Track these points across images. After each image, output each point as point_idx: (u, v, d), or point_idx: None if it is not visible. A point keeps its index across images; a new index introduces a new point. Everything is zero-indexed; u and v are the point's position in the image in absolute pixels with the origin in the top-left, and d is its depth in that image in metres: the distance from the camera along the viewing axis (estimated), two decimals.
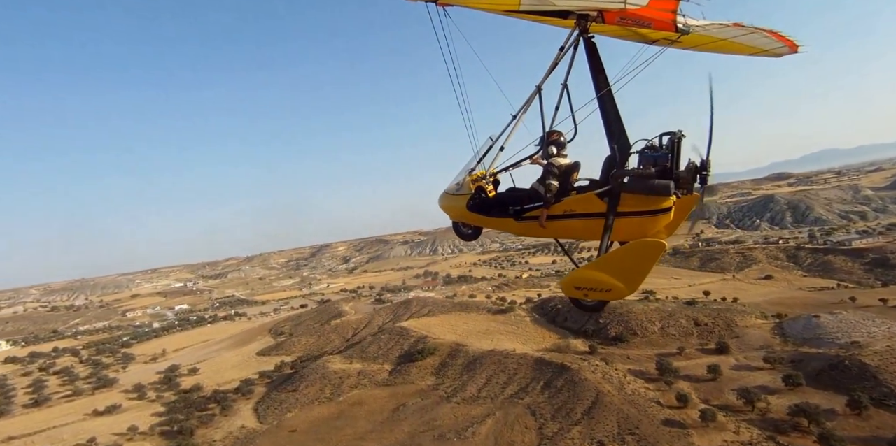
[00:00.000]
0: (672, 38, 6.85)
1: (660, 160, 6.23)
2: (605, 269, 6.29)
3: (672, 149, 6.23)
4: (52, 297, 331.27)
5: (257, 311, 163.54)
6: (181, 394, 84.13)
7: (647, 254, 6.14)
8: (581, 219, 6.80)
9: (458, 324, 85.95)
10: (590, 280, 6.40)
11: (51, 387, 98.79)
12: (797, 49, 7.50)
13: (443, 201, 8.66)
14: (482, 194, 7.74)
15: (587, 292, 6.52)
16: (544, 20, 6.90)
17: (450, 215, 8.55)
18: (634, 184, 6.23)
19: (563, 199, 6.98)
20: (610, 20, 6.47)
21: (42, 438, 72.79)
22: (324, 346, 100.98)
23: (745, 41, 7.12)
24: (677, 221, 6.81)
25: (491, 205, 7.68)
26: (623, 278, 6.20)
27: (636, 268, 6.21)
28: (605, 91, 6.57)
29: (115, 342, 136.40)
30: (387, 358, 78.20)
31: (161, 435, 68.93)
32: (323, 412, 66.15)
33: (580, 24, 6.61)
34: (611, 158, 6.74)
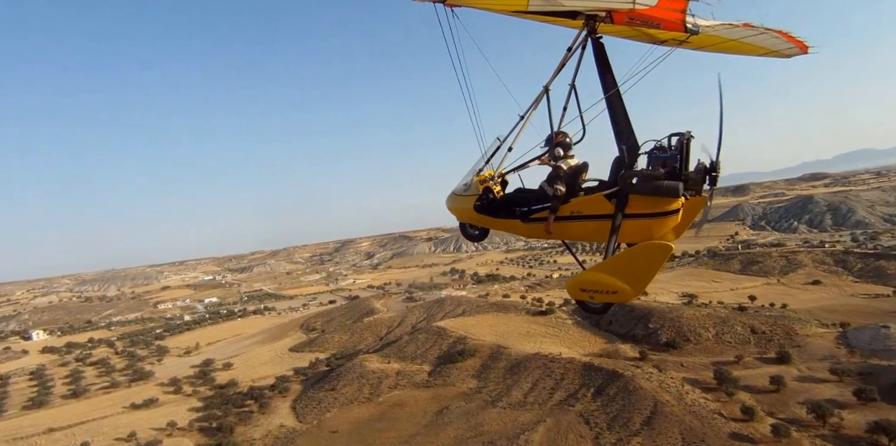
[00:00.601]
0: (681, 39, 6.80)
1: (669, 161, 6.18)
2: (612, 271, 6.29)
3: (681, 150, 6.17)
4: (84, 287, 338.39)
5: (286, 306, 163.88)
6: (217, 390, 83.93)
7: (654, 257, 6.14)
8: (588, 221, 6.75)
9: (497, 325, 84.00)
10: (596, 282, 6.41)
11: (88, 379, 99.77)
12: (807, 50, 7.40)
13: (450, 202, 8.59)
14: (490, 195, 7.69)
15: (593, 294, 6.54)
16: (552, 20, 6.83)
17: (457, 216, 8.49)
18: (643, 185, 6.15)
19: (570, 200, 6.91)
20: (618, 20, 6.43)
21: (82, 431, 72.97)
22: (357, 344, 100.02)
23: (755, 42, 7.05)
24: (685, 223, 6.72)
25: (498, 207, 7.64)
26: (629, 280, 6.20)
27: (643, 271, 6.22)
28: (613, 91, 6.50)
29: (149, 334, 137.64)
30: (425, 359, 76.66)
31: (200, 431, 68.52)
32: (363, 413, 64.90)
33: (588, 25, 6.57)
34: (619, 159, 6.67)
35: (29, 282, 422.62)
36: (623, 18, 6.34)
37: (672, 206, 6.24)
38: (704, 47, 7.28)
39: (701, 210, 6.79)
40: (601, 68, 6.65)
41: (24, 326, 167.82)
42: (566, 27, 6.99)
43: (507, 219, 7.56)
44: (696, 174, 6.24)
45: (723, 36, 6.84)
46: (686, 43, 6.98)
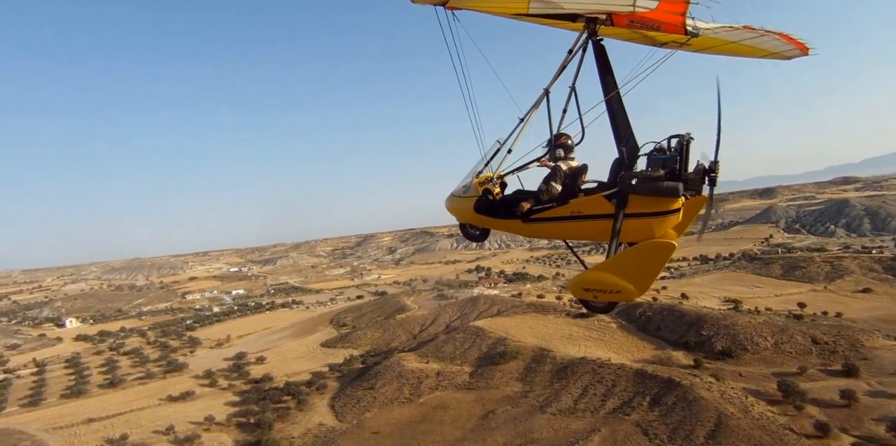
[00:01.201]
0: (681, 41, 6.81)
1: (668, 162, 6.22)
2: (615, 271, 6.29)
3: (681, 151, 6.21)
4: (112, 276, 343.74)
5: (314, 300, 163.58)
6: (252, 384, 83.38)
7: (657, 255, 6.19)
8: (589, 221, 6.77)
9: (537, 327, 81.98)
10: (599, 281, 6.42)
11: (123, 369, 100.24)
12: (808, 52, 7.42)
13: (450, 203, 8.64)
14: (489, 196, 7.72)
15: (596, 294, 6.56)
16: (553, 23, 6.95)
17: (457, 217, 8.53)
18: (643, 185, 6.17)
19: (570, 201, 6.93)
20: (619, 23, 6.45)
21: (121, 422, 72.86)
22: (390, 341, 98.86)
23: (755, 44, 7.10)
24: (686, 222, 6.70)
25: (498, 207, 7.67)
26: (632, 279, 6.22)
27: (646, 270, 6.25)
28: (613, 94, 6.54)
29: (179, 325, 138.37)
30: (465, 360, 75.04)
31: (238, 426, 67.84)
32: (404, 414, 63.51)
33: (589, 27, 6.57)
34: (619, 161, 6.70)
35: (58, 269, 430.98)
36: (623, 21, 6.35)
37: (672, 206, 6.26)
38: (705, 50, 7.32)
39: (701, 209, 6.75)
40: (602, 70, 6.69)
41: (58, 313, 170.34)
42: (567, 30, 7.08)
43: (507, 220, 7.55)
44: (696, 175, 6.26)
45: (723, 38, 6.88)
46: (686, 45, 6.98)
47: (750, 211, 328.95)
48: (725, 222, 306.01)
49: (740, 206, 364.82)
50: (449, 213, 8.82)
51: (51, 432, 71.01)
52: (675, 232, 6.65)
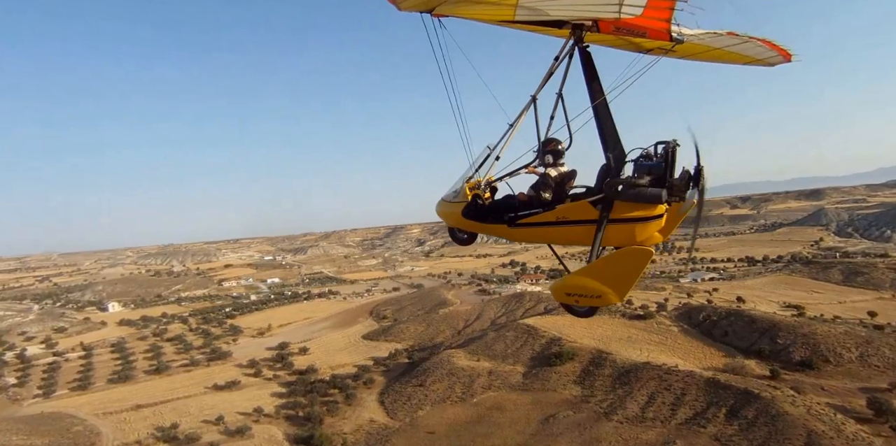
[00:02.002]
0: (667, 48, 6.80)
1: (654, 169, 6.32)
2: (596, 276, 6.43)
3: (666, 157, 6.29)
4: (148, 261, 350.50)
5: (350, 291, 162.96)
6: (297, 375, 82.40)
7: (636, 261, 6.27)
8: (574, 226, 6.80)
9: (592, 327, 78.82)
10: (580, 286, 6.54)
11: (168, 355, 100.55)
12: (791, 58, 7.54)
13: (440, 208, 8.71)
14: (478, 201, 7.76)
15: (578, 298, 6.66)
16: (539, 30, 6.96)
17: (447, 221, 8.56)
18: (627, 192, 6.27)
19: (556, 207, 7.00)
20: (605, 30, 6.52)
21: (169, 409, 72.55)
22: (434, 336, 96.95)
23: (740, 50, 7.21)
24: (670, 227, 6.69)
25: (486, 213, 7.73)
26: (612, 284, 6.33)
27: (625, 275, 6.34)
28: (599, 100, 6.53)
29: (219, 312, 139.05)
30: (518, 359, 72.55)
31: (287, 419, 66.72)
32: (459, 414, 61.39)
33: (575, 34, 6.62)
34: (606, 167, 6.75)
35: (95, 253, 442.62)
36: (609, 27, 6.40)
37: (655, 212, 6.31)
38: (690, 56, 7.43)
39: (685, 215, 6.77)
40: (588, 77, 6.66)
41: (99, 297, 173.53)
42: (554, 36, 7.13)
43: (494, 224, 7.61)
44: (681, 181, 6.31)
45: (707, 44, 6.95)
46: (672, 52, 6.94)
47: (795, 212, 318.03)
48: (769, 223, 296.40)
49: (784, 207, 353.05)
50: (439, 218, 8.84)
51: (101, 417, 71.05)
52: (662, 235, 6.70)
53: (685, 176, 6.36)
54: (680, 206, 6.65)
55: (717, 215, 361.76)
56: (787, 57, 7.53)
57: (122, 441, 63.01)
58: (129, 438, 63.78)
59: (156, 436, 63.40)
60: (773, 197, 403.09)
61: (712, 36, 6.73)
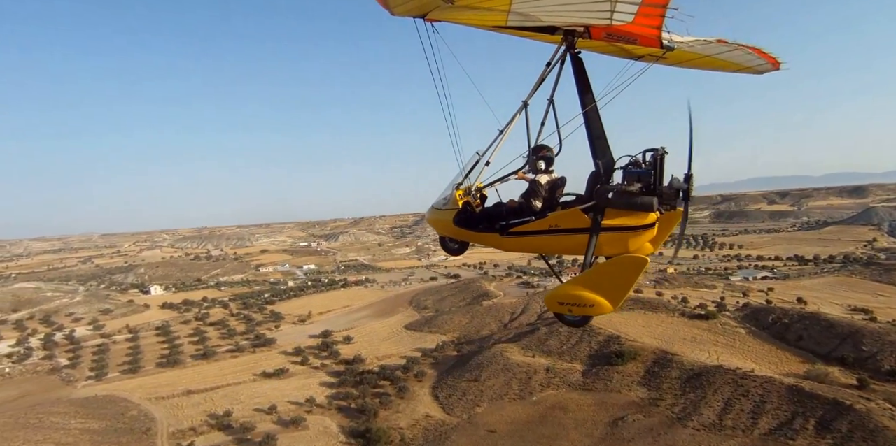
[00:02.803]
0: (657, 55, 6.79)
1: (643, 176, 6.29)
2: (589, 285, 6.36)
3: (655, 165, 6.25)
4: (184, 244, 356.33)
5: (386, 279, 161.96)
6: (345, 365, 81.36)
7: (630, 270, 6.17)
8: (566, 235, 6.74)
9: (651, 326, 75.71)
10: (573, 296, 6.45)
11: (212, 340, 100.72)
12: (779, 66, 7.51)
13: (430, 215, 8.56)
14: (469, 209, 7.66)
15: (571, 308, 6.56)
16: (532, 36, 7.03)
17: (437, 229, 8.40)
18: (618, 199, 6.27)
19: (548, 215, 6.94)
20: (596, 36, 6.47)
21: (219, 396, 72.15)
22: (480, 329, 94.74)
23: (729, 58, 7.23)
24: (661, 236, 6.74)
25: (477, 220, 7.61)
26: (606, 294, 6.27)
27: (619, 284, 6.26)
28: (590, 106, 6.53)
29: (258, 297, 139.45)
30: (575, 356, 69.91)
31: (339, 410, 65.54)
32: (519, 412, 59.22)
33: (567, 40, 6.59)
34: (595, 174, 6.69)
35: (133, 235, 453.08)
36: (601, 34, 6.34)
37: (647, 220, 6.32)
38: (680, 63, 7.43)
39: (676, 223, 6.79)
40: (579, 83, 6.65)
41: (141, 280, 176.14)
42: (545, 42, 7.21)
43: (486, 233, 7.47)
44: (671, 189, 6.23)
45: (697, 52, 6.95)
46: (662, 58, 6.93)
47: (839, 210, 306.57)
48: (812, 220, 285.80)
49: (826, 204, 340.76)
50: (429, 226, 8.75)
51: (153, 402, 71.00)
52: (652, 245, 6.85)
53: (674, 183, 6.24)
54: (671, 215, 6.65)
55: (755, 210, 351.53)
56: (775, 65, 7.47)
57: (177, 427, 62.66)
58: (184, 424, 63.42)
59: (209, 424, 62.93)
60: (814, 193, 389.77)
61: (702, 43, 6.68)
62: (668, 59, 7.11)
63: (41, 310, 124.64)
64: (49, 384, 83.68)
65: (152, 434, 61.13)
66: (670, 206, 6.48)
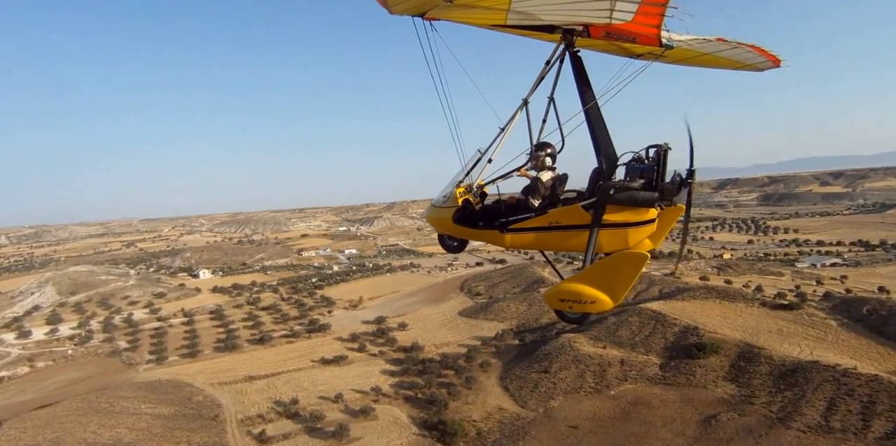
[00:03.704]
0: (657, 53, 6.83)
1: (646, 172, 6.30)
2: (590, 281, 6.35)
3: (658, 161, 6.27)
4: (222, 229, 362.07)
5: (431, 264, 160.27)
6: (403, 353, 79.76)
7: (631, 266, 6.19)
8: (567, 231, 6.73)
9: (729, 316, 71.53)
10: (574, 292, 6.45)
11: (266, 325, 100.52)
12: (779, 63, 7.50)
13: (430, 213, 8.51)
14: (469, 206, 7.61)
15: (571, 304, 6.58)
16: (531, 34, 7.01)
17: (436, 227, 8.39)
18: (619, 195, 6.23)
19: (549, 211, 6.91)
20: (595, 35, 6.44)
21: (281, 382, 71.33)
22: (539, 317, 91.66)
23: (729, 56, 7.20)
24: (662, 231, 6.72)
25: (477, 218, 7.56)
26: (607, 290, 6.28)
27: (620, 280, 6.27)
28: (591, 104, 6.54)
29: (305, 282, 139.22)
30: (649, 348, 66.51)
31: (406, 400, 63.89)
32: (598, 407, 56.36)
33: (566, 39, 6.56)
34: (597, 170, 6.74)
35: (171, 220, 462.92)
36: (600, 33, 6.31)
37: (647, 216, 6.32)
38: (680, 61, 7.45)
39: (677, 218, 6.72)
40: (579, 81, 6.66)
41: (188, 264, 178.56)
42: (545, 41, 7.19)
43: (486, 230, 7.42)
44: (672, 185, 6.24)
45: (697, 50, 6.91)
46: (662, 57, 6.98)
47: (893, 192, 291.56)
48: (869, 203, 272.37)
49: (885, 185, 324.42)
50: (429, 224, 8.70)
51: (217, 387, 70.62)
52: (652, 241, 6.67)
53: (676, 179, 6.24)
54: (671, 211, 6.61)
55: (806, 192, 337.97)
56: (776, 62, 7.44)
57: (244, 414, 61.94)
58: (251, 411, 62.68)
59: (277, 411, 62.02)
60: (870, 173, 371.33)
61: (702, 42, 6.61)
62: (668, 58, 7.10)
63: (98, 293, 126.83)
64: (111, 366, 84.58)
65: (221, 420, 60.52)
66: (671, 202, 6.48)
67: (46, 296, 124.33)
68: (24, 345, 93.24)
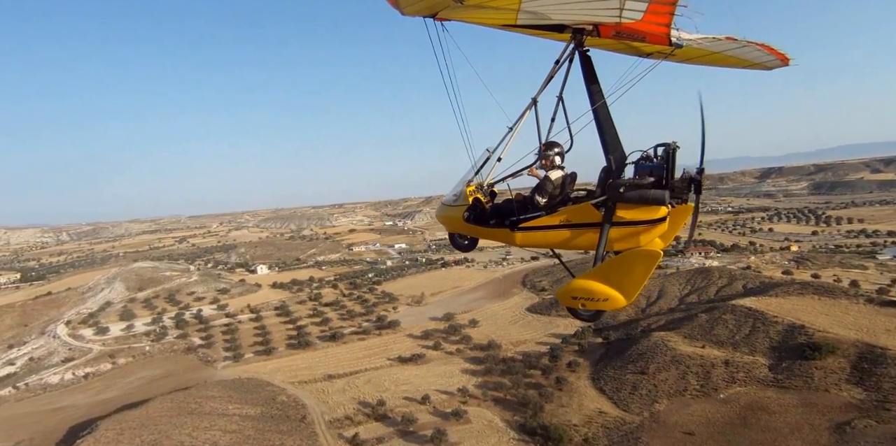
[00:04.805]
0: (666, 52, 6.84)
1: (655, 171, 6.28)
2: (602, 279, 6.35)
3: (667, 159, 6.26)
4: (268, 225, 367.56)
5: (485, 259, 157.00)
6: (480, 351, 77.45)
7: (644, 264, 6.19)
8: (578, 230, 6.68)
9: (836, 314, 66.60)
10: (586, 290, 6.45)
11: (333, 321, 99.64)
12: (788, 62, 7.52)
13: (440, 212, 8.52)
14: (479, 205, 7.58)
15: (584, 302, 6.59)
16: (540, 34, 7.01)
17: (447, 226, 8.39)
18: (630, 194, 6.19)
19: (559, 209, 6.87)
20: (605, 34, 6.47)
21: (361, 381, 69.97)
22: (615, 314, 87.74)
23: (738, 54, 7.21)
24: (673, 230, 6.60)
25: (487, 217, 7.52)
26: (620, 288, 6.28)
27: (632, 278, 6.26)
28: (599, 103, 6.53)
29: (362, 277, 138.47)
30: (753, 348, 62.37)
31: (496, 402, 61.49)
32: (710, 412, 52.75)
33: (575, 38, 6.60)
34: (607, 169, 6.73)
35: (217, 216, 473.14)
36: (609, 32, 6.34)
37: (659, 214, 6.23)
38: (689, 60, 7.40)
39: (687, 217, 6.62)
40: (588, 81, 6.64)
41: (243, 259, 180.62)
42: (554, 40, 7.14)
43: (496, 229, 7.35)
44: (682, 183, 6.25)
45: (706, 49, 6.88)
46: (671, 56, 6.97)
47: None
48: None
49: None
50: (439, 222, 8.70)
51: (297, 386, 69.73)
52: (663, 240, 6.60)
53: (686, 177, 6.24)
54: (682, 209, 6.49)
55: (857, 180, 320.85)
56: (784, 61, 7.42)
57: (331, 415, 60.66)
58: (337, 412, 61.37)
59: (364, 413, 60.51)
60: None
61: (711, 40, 6.53)
62: (677, 57, 7.03)
63: (164, 288, 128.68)
64: (189, 364, 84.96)
65: (309, 422, 59.32)
66: (681, 200, 6.40)
67: (116, 292, 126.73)
68: (104, 341, 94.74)
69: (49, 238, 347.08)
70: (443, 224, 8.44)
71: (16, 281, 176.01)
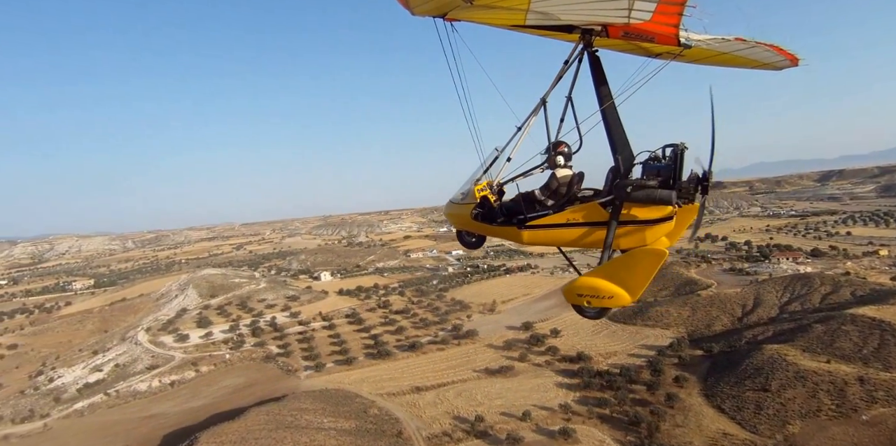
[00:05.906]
0: (675, 52, 6.79)
1: (663, 171, 6.35)
2: (608, 277, 6.39)
3: (675, 160, 6.29)
4: (320, 232, 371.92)
5: (549, 264, 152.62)
6: (570, 363, 73.74)
7: (649, 262, 6.19)
8: (584, 228, 6.73)
9: None
10: (592, 287, 6.47)
11: (408, 330, 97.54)
12: (798, 62, 7.46)
13: (448, 210, 8.51)
14: (487, 203, 7.60)
15: (589, 299, 6.59)
16: (550, 34, 7.02)
17: (454, 224, 8.39)
18: (637, 194, 6.21)
19: (566, 208, 6.91)
20: (614, 34, 6.44)
21: (452, 395, 67.40)
22: (710, 323, 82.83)
23: (747, 55, 7.15)
24: (679, 230, 6.70)
25: (495, 215, 7.58)
26: (625, 285, 6.30)
27: (638, 276, 6.27)
28: (608, 104, 6.52)
29: (427, 284, 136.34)
30: (888, 364, 56.69)
31: (602, 420, 57.67)
32: (856, 436, 47.71)
33: (584, 39, 6.60)
34: (614, 169, 6.75)
35: (269, 223, 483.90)
36: (618, 32, 6.31)
37: (665, 213, 6.29)
38: (698, 61, 7.37)
39: (693, 217, 6.71)
40: (597, 81, 6.64)
41: (305, 266, 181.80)
42: (563, 41, 7.17)
43: (504, 227, 7.44)
44: (689, 183, 6.34)
45: (715, 49, 6.86)
46: (680, 56, 6.93)
47: None
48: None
49: None
50: (447, 220, 8.75)
51: (386, 398, 67.77)
52: (668, 239, 6.67)
53: (693, 178, 6.35)
54: (688, 209, 6.55)
55: None
56: (794, 61, 7.37)
57: (428, 431, 58.33)
58: (433, 428, 59.00)
59: (462, 429, 57.93)
60: None
61: (720, 41, 6.51)
62: (686, 57, 7.02)
63: (235, 295, 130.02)
64: (270, 373, 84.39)
65: (406, 438, 57.08)
66: (688, 200, 6.47)
67: (190, 299, 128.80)
68: (185, 349, 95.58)
69: (116, 245, 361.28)
70: (450, 221, 8.42)
71: (90, 287, 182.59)
